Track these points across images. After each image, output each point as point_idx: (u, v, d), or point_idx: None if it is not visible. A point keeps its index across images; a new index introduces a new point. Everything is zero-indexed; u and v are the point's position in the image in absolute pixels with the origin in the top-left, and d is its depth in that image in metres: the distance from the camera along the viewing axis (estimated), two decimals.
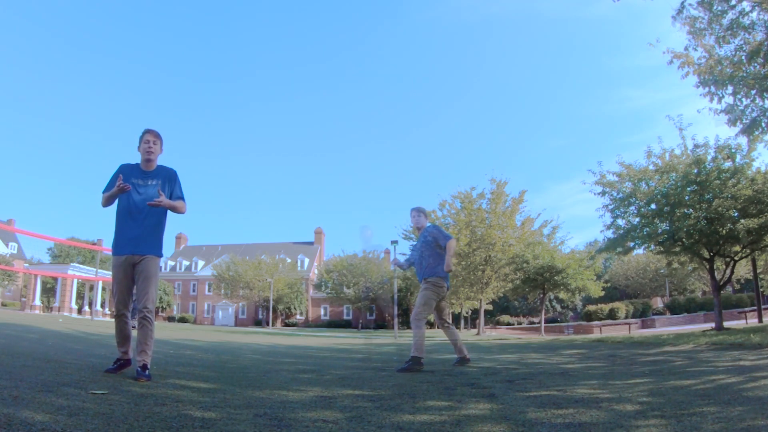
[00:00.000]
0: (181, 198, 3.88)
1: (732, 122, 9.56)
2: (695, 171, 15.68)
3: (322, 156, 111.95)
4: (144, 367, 3.48)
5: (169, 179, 3.86)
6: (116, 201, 3.74)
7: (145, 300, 3.58)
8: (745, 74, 9.04)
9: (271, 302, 50.02)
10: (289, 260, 58.85)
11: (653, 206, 16.59)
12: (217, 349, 8.26)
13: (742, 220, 14.96)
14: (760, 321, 19.46)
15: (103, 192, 3.75)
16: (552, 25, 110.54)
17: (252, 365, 5.53)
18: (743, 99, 9.45)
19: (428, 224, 5.83)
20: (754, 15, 8.69)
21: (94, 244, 56.51)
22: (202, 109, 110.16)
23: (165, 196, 3.72)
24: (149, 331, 3.56)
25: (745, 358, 6.05)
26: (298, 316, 58.71)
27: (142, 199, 3.70)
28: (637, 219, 17.35)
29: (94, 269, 40.09)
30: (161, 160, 3.93)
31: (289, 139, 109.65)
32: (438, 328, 6.00)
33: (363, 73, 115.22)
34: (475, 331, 35.74)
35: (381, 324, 55.00)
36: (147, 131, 3.82)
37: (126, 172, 3.75)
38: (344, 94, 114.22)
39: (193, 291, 65.22)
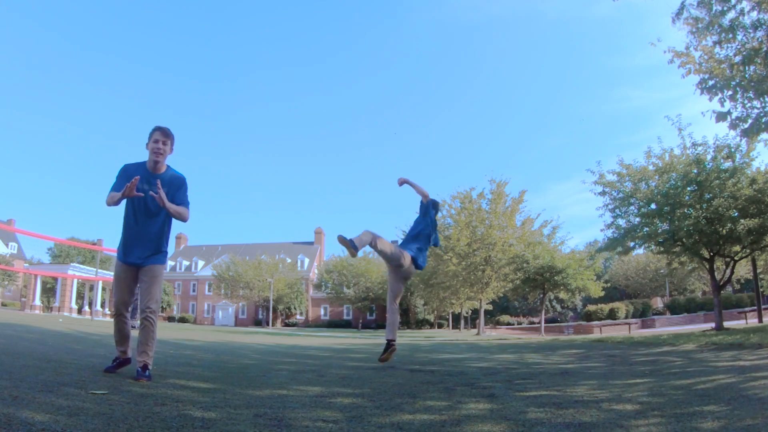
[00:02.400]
0: (185, 205, 3.70)
1: (733, 126, 9.57)
2: (695, 171, 15.70)
3: (322, 156, 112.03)
4: (144, 367, 3.46)
5: (177, 187, 3.66)
6: (123, 203, 3.59)
7: (148, 300, 3.54)
8: (745, 76, 9.04)
9: (271, 302, 50.02)
10: (289, 260, 58.85)
11: (653, 206, 16.60)
12: (217, 349, 8.26)
13: (742, 220, 14.97)
14: (760, 321, 19.47)
15: (111, 190, 3.52)
16: (552, 25, 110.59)
17: (252, 365, 5.53)
18: (743, 102, 9.46)
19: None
20: (754, 15, 8.70)
21: (94, 244, 56.54)
22: (203, 108, 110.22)
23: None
24: (151, 331, 3.52)
25: (745, 358, 6.05)
26: (298, 316, 58.73)
27: (148, 205, 3.55)
28: (637, 219, 17.37)
29: (94, 269, 40.09)
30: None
31: (289, 139, 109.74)
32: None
33: (363, 73, 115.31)
34: (475, 331, 35.74)
35: (381, 324, 55.01)
36: (157, 129, 3.57)
37: (130, 173, 3.55)
38: (344, 94, 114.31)
39: (193, 291, 65.24)
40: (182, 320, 59.05)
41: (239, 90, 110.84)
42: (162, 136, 3.56)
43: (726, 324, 17.21)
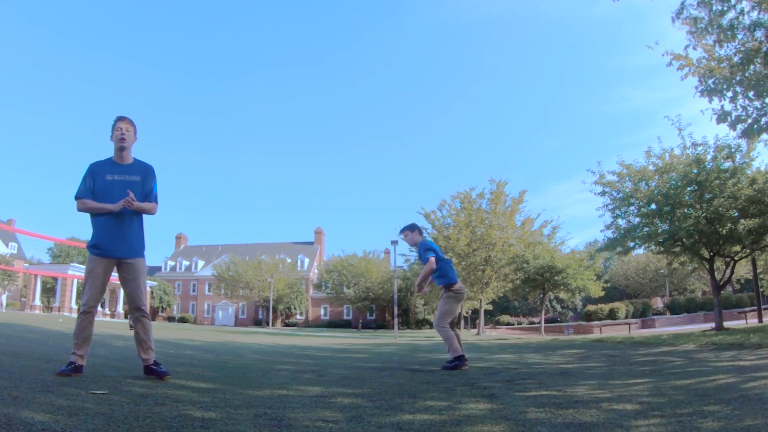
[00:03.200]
0: (155, 200, 3.70)
1: (732, 126, 9.56)
2: (695, 171, 15.69)
3: (322, 156, 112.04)
4: (157, 363, 3.56)
5: (147, 177, 3.67)
6: (92, 196, 3.52)
7: (140, 298, 3.59)
8: (745, 75, 9.03)
9: (271, 302, 50.01)
10: (289, 260, 58.84)
11: (653, 206, 16.60)
12: (217, 349, 8.26)
13: (743, 220, 14.97)
14: (760, 321, 19.46)
15: (78, 196, 3.50)
16: (552, 25, 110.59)
17: (252, 365, 5.53)
18: (743, 102, 9.44)
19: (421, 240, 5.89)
20: (754, 15, 8.68)
21: None
22: (203, 108, 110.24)
23: (139, 196, 3.58)
24: (149, 326, 3.60)
25: (745, 358, 6.05)
26: (298, 316, 58.71)
27: (123, 195, 3.48)
28: (637, 219, 17.36)
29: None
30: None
31: (289, 139, 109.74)
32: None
33: (363, 73, 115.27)
34: (475, 331, 35.73)
35: (381, 324, 55.01)
36: (119, 118, 3.60)
37: (99, 170, 3.56)
38: (344, 94, 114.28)
39: (193, 291, 65.22)
40: (182, 320, 59.03)
41: (239, 90, 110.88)
42: (125, 123, 3.60)
43: (726, 324, 17.20)
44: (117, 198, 3.49)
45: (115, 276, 3.70)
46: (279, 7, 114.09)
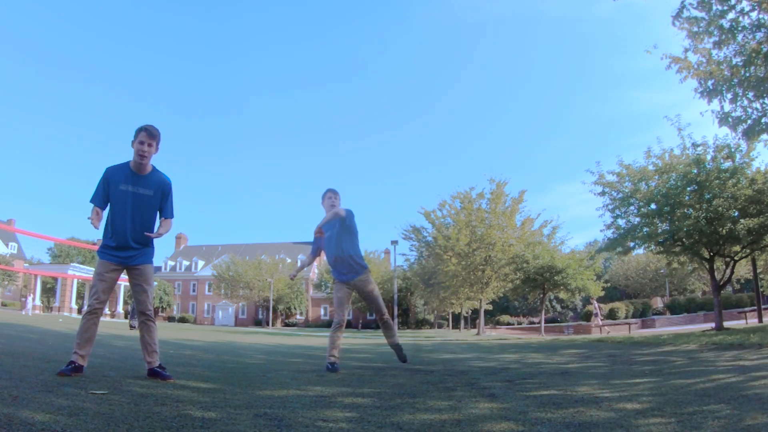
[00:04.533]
0: (170, 215, 3.73)
1: (733, 127, 9.57)
2: (695, 171, 15.69)
3: (322, 155, 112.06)
4: (162, 366, 3.59)
5: (163, 193, 3.67)
6: (108, 206, 3.56)
7: (148, 303, 3.62)
8: (746, 76, 9.02)
9: (271, 302, 50.01)
10: (289, 260, 58.83)
11: (653, 206, 16.60)
12: (217, 349, 8.26)
13: (742, 220, 14.96)
14: (760, 321, 19.45)
15: (91, 201, 3.53)
16: (554, 25, 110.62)
17: (252, 365, 5.53)
18: (743, 102, 9.44)
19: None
20: (754, 15, 8.68)
21: (94, 244, 56.45)
22: (202, 107, 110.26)
23: (151, 210, 3.63)
24: (154, 329, 3.64)
25: (745, 357, 6.05)
26: (298, 316, 58.73)
27: (136, 207, 3.53)
28: (637, 219, 17.36)
29: (94, 269, 40.08)
30: (158, 159, 3.69)
31: (290, 139, 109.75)
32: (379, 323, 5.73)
33: (364, 73, 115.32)
34: (475, 331, 35.72)
35: None
36: (143, 129, 3.49)
37: (113, 178, 3.53)
38: (345, 94, 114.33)
39: (193, 291, 65.22)
40: (182, 320, 59.03)
41: (239, 89, 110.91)
42: (147, 137, 3.48)
43: (726, 324, 17.18)
44: (128, 210, 3.53)
45: (123, 277, 3.74)
46: (278, 5, 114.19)
